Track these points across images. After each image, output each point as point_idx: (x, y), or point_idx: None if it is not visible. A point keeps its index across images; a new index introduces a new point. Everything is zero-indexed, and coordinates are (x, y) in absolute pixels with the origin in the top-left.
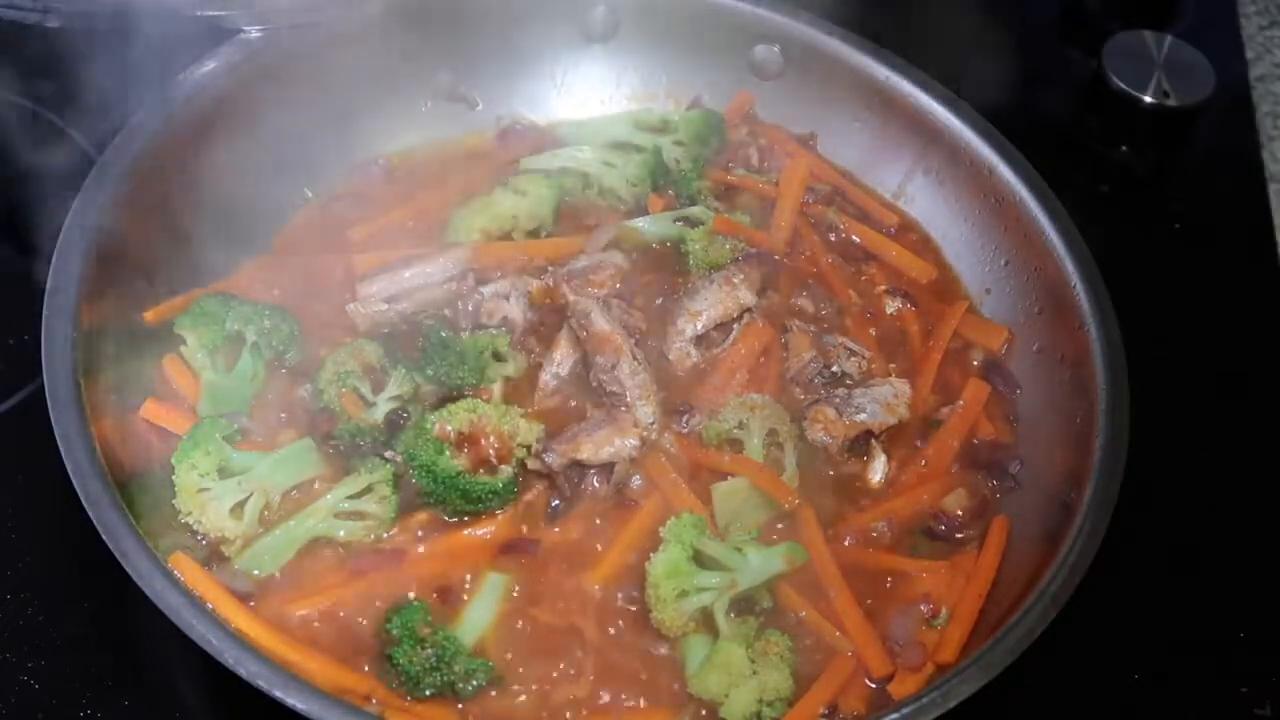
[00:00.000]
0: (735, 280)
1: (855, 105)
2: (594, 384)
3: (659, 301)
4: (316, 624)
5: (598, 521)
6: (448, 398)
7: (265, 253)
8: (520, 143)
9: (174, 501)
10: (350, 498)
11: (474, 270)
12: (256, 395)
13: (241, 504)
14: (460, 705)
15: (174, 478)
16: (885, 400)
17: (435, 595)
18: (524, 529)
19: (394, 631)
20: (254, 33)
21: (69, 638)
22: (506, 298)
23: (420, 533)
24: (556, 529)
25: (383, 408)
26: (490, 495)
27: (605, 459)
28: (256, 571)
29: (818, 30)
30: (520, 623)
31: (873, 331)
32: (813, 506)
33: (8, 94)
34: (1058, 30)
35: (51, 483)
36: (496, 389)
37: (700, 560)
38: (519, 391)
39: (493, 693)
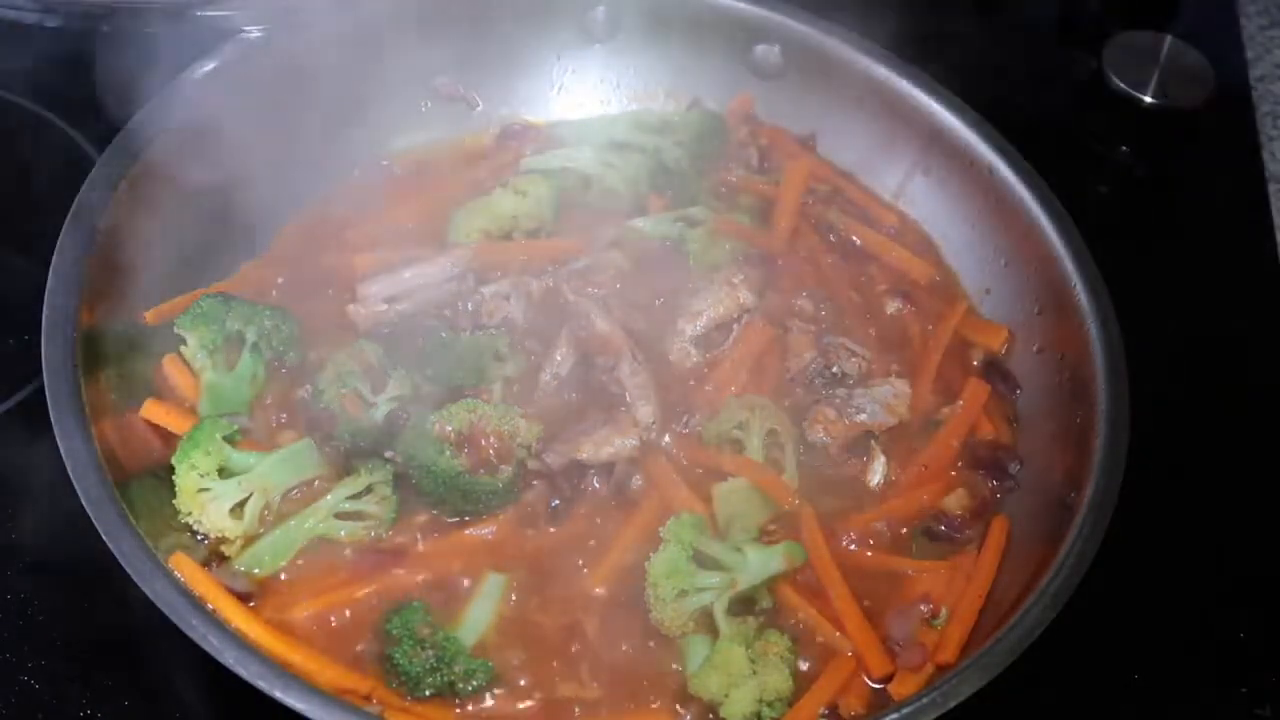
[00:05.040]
0: (735, 280)
1: (855, 105)
2: (594, 384)
3: (659, 301)
4: (316, 624)
5: (598, 521)
6: (448, 398)
7: (265, 253)
8: (520, 143)
9: (174, 501)
10: (350, 498)
11: (474, 270)
12: (256, 395)
13: (241, 504)
14: (460, 705)
15: (174, 478)
16: (885, 400)
17: (435, 595)
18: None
19: (394, 631)
20: (254, 33)
21: (69, 638)
22: (506, 298)
23: (420, 533)
24: (556, 529)
25: (383, 408)
26: (490, 495)
27: (605, 459)
28: (256, 571)
29: (818, 30)
30: (520, 623)
31: (873, 331)
32: (813, 506)
33: (8, 94)
34: (1058, 30)
35: (51, 483)
36: (496, 389)
37: (700, 560)
38: (519, 391)
39: (493, 693)
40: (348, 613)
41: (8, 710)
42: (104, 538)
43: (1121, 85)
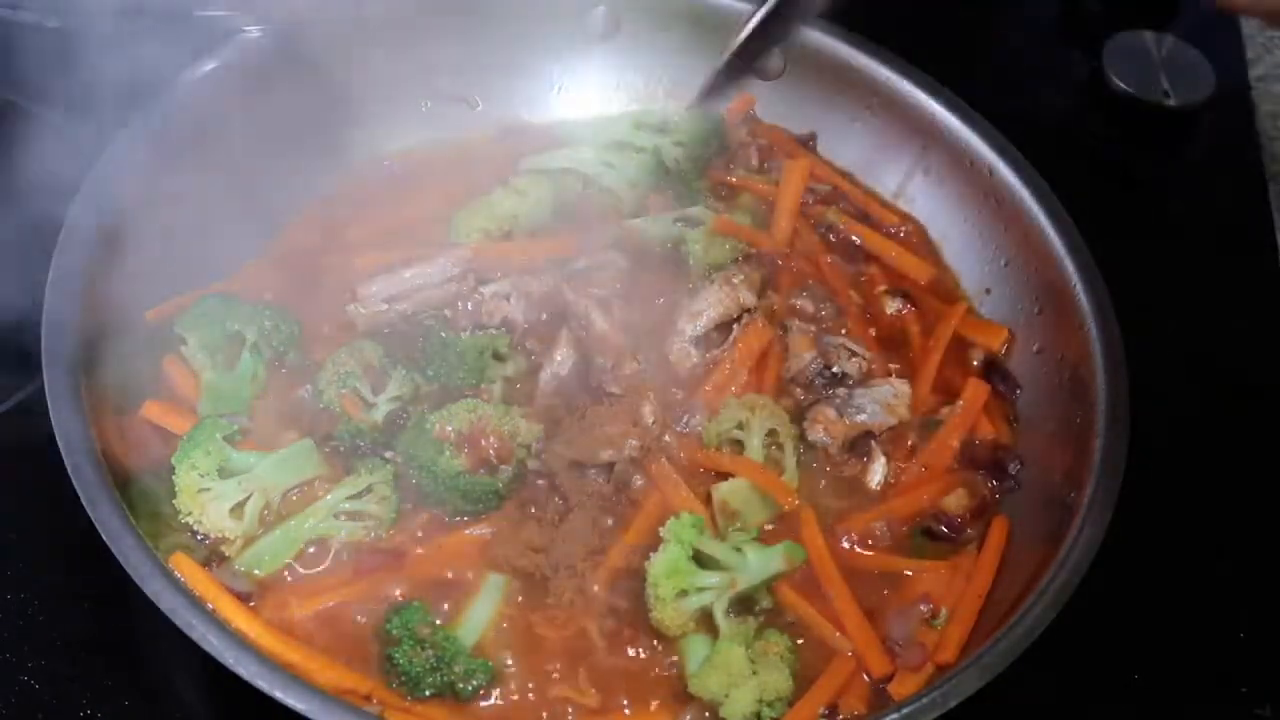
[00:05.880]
0: (735, 280)
1: (855, 105)
2: (594, 384)
3: (659, 301)
4: (316, 624)
5: (598, 521)
6: (448, 398)
7: (265, 253)
8: (520, 143)
9: (174, 501)
10: (350, 498)
11: (474, 270)
12: (256, 395)
13: (241, 504)
14: (460, 705)
15: (174, 478)
16: (885, 400)
17: (435, 595)
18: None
19: (394, 631)
20: (254, 33)
21: (69, 638)
22: (506, 298)
23: (420, 533)
24: (556, 529)
25: (383, 408)
26: (490, 495)
27: (605, 459)
28: (257, 571)
29: (818, 30)
30: (520, 623)
31: (873, 331)
32: (813, 506)
33: (8, 94)
34: (1058, 30)
35: (51, 483)
36: (496, 389)
37: (700, 560)
38: (519, 391)
39: (493, 693)
40: (347, 612)
41: (8, 710)
42: (104, 538)
43: (1121, 85)
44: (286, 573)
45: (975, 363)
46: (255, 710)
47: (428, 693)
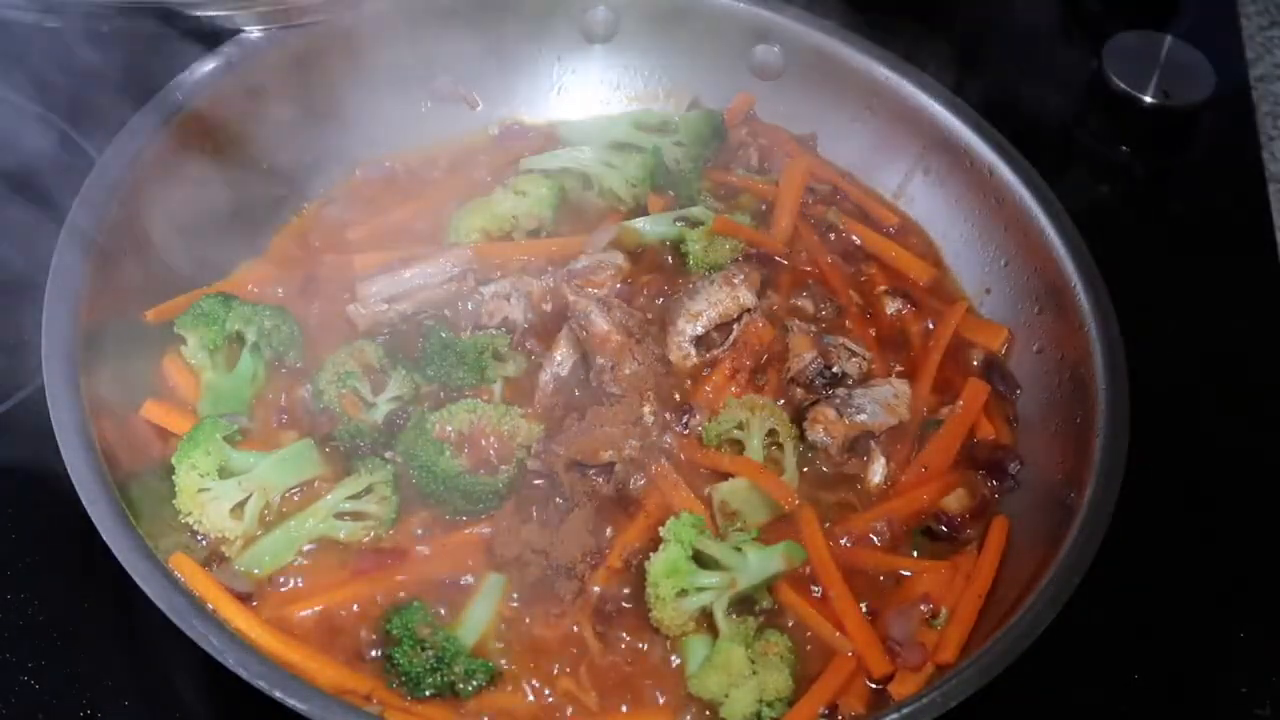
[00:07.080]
0: (735, 280)
1: (855, 105)
2: (594, 384)
3: (659, 301)
4: (316, 624)
5: (598, 521)
6: (448, 398)
7: (265, 253)
8: (520, 143)
9: (174, 501)
10: (350, 498)
11: (474, 270)
12: (256, 395)
13: (241, 504)
14: (460, 705)
15: (174, 478)
16: (885, 400)
17: (435, 595)
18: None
19: (394, 632)
20: (254, 33)
21: (69, 638)
22: (506, 298)
23: (420, 533)
24: (556, 529)
25: (383, 408)
26: (490, 495)
27: (605, 459)
28: (256, 571)
29: (818, 30)
30: (520, 623)
31: (873, 331)
32: (813, 506)
33: (8, 94)
34: (1058, 30)
35: (51, 483)
36: (496, 389)
37: (700, 560)
38: (519, 391)
39: (492, 693)
40: (347, 613)
41: (8, 710)
42: (104, 538)
43: (1121, 85)
44: (286, 573)
45: (975, 363)
46: (255, 710)
47: (428, 693)
